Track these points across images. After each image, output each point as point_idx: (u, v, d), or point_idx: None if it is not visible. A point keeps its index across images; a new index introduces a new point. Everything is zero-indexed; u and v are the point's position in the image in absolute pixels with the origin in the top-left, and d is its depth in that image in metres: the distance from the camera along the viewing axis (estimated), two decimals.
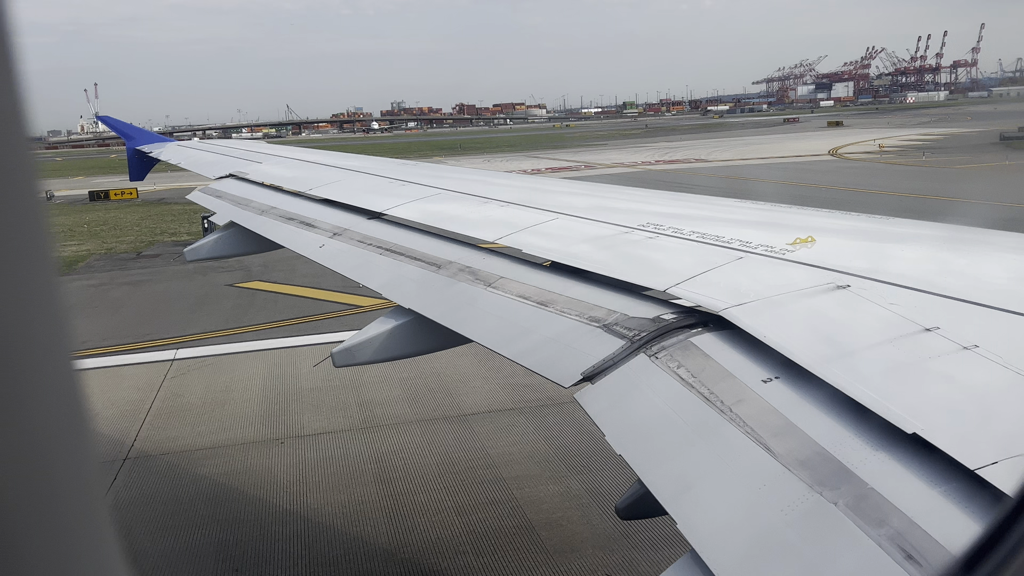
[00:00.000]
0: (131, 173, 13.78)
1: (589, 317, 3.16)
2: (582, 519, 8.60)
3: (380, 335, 4.06)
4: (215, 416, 11.96)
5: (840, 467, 1.92)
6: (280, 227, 6.57)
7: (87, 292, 21.33)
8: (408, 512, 8.95)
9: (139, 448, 10.88)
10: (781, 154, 62.91)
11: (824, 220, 4.16)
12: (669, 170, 53.97)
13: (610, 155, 72.87)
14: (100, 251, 28.10)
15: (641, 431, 2.45)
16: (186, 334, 16.43)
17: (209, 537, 8.59)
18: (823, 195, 34.96)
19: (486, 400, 12.12)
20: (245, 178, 8.89)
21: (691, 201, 5.21)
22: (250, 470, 10.17)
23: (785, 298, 2.81)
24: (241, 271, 22.08)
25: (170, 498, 9.49)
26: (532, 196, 5.51)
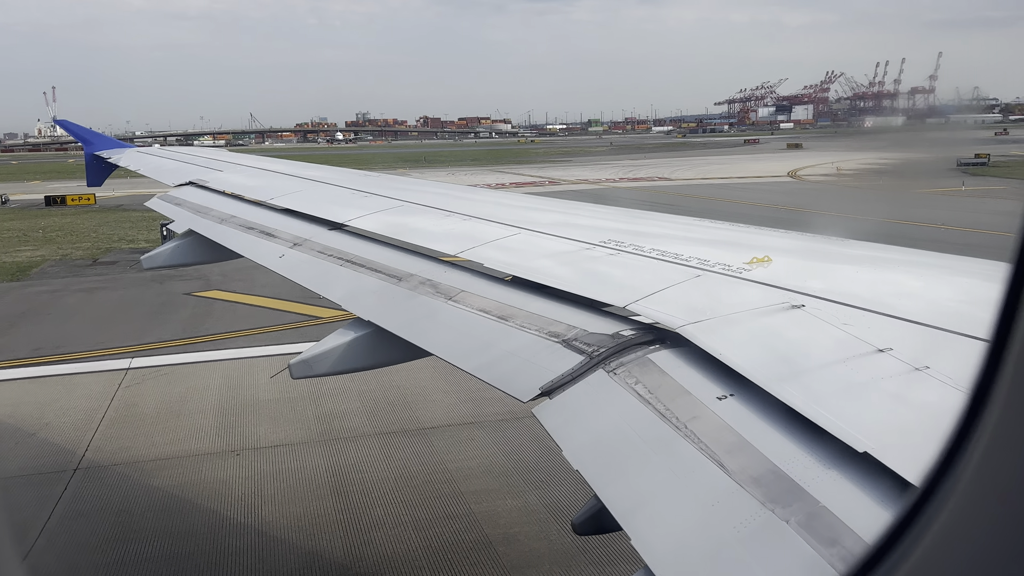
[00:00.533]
0: (89, 178, 13.53)
1: (549, 332, 3.16)
2: (540, 534, 8.58)
3: (339, 347, 4.03)
4: (170, 427, 11.75)
5: (792, 485, 1.94)
6: (240, 236, 6.50)
7: (40, 298, 20.86)
8: (365, 526, 8.86)
9: (90, 458, 10.65)
10: (741, 174, 63.79)
11: (781, 240, 4.23)
12: (633, 187, 54.42)
13: (575, 171, 73.30)
14: (55, 257, 27.53)
15: (598, 446, 2.45)
16: (142, 343, 16.14)
17: (160, 549, 8.42)
18: (781, 216, 35.51)
19: (445, 414, 12.06)
20: (205, 186, 8.78)
21: (652, 219, 5.26)
22: (205, 482, 10.00)
23: (741, 316, 2.85)
24: (199, 280, 21.77)
25: (121, 509, 9.29)
26: (495, 210, 5.52)
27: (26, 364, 14.92)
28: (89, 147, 13.52)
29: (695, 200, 44.32)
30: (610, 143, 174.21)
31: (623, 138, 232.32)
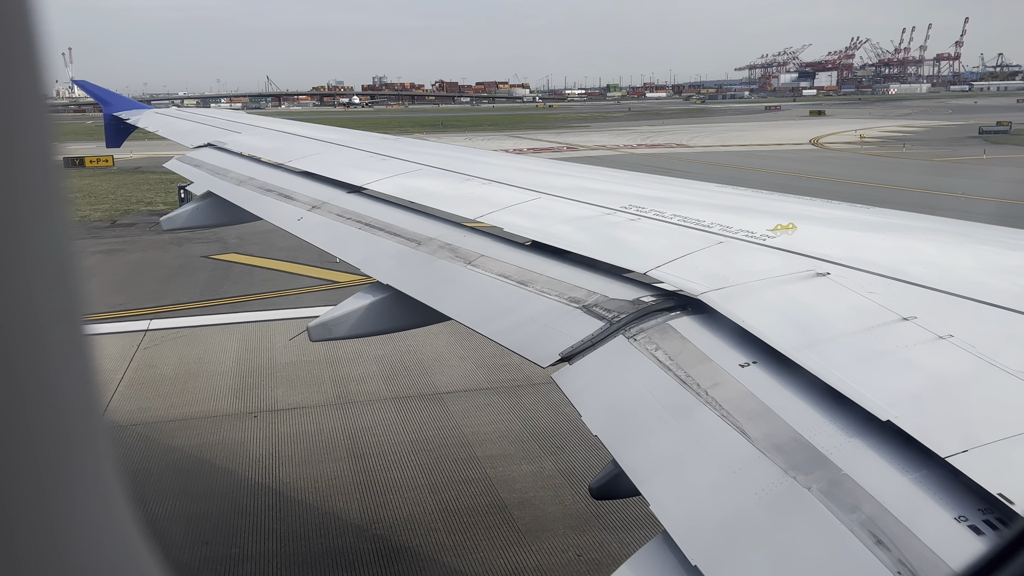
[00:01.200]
0: (107, 139, 13.54)
1: (569, 298, 3.14)
2: (555, 499, 8.65)
3: (357, 310, 4.03)
4: (188, 388, 11.87)
5: (815, 452, 1.93)
6: (258, 198, 6.49)
7: None
8: (381, 488, 8.95)
9: (108, 419, 10.79)
10: (762, 142, 63.15)
11: (805, 208, 4.17)
12: (651, 154, 54.04)
13: (593, 137, 72.81)
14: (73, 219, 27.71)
15: (617, 412, 2.45)
16: (160, 305, 16.27)
17: (179, 509, 8.55)
18: (804, 184, 35.17)
19: (462, 379, 12.12)
20: (224, 148, 8.77)
21: (673, 185, 5.20)
22: (223, 443, 10.12)
23: (764, 284, 2.81)
24: (217, 243, 21.88)
25: (140, 469, 9.42)
26: (514, 175, 5.48)
27: None
28: (108, 108, 13.52)
29: (715, 167, 43.96)
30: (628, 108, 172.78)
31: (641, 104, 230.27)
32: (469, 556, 7.66)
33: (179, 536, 8.00)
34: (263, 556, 7.70)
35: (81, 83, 15.85)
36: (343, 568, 7.49)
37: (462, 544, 7.85)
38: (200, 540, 7.95)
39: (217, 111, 17.62)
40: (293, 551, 7.77)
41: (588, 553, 7.66)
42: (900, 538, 1.62)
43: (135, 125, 12.63)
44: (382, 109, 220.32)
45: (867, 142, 62.55)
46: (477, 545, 7.82)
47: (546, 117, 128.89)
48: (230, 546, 7.86)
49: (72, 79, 34.10)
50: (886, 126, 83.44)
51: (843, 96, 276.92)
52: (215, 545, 7.87)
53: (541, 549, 7.74)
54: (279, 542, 7.92)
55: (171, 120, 12.28)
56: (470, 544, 7.85)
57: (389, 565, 7.55)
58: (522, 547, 7.77)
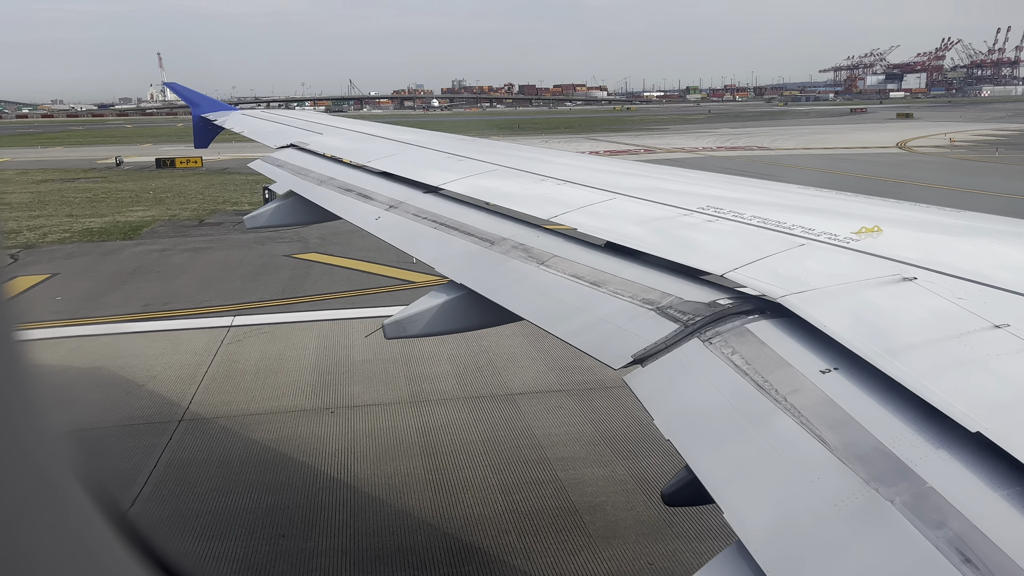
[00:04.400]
0: (196, 140, 14.01)
1: (642, 299, 3.10)
2: (626, 504, 8.56)
3: (431, 309, 4.05)
4: (268, 383, 12.18)
5: (898, 463, 1.85)
6: (338, 198, 6.61)
7: (151, 257, 21.85)
8: (452, 487, 9.01)
9: (193, 411, 11.14)
10: (847, 145, 61.43)
11: (891, 211, 4.02)
12: (731, 156, 53.11)
13: (671, 140, 71.98)
14: (164, 217, 28.76)
15: (691, 417, 2.39)
16: (244, 302, 16.74)
17: (258, 501, 8.76)
18: (890, 188, 34.05)
19: (534, 380, 12.11)
20: (305, 148, 8.96)
21: (753, 186, 5.08)
22: (300, 437, 10.34)
23: (847, 288, 2.72)
24: (299, 242, 22.40)
25: (221, 461, 9.70)
26: (590, 176, 5.44)
27: (136, 319, 15.68)
28: (196, 109, 13.98)
29: (797, 170, 42.94)
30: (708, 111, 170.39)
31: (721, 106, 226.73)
32: (539, 560, 7.64)
33: (258, 528, 8.20)
34: (337, 551, 7.82)
35: (172, 85, 16.44)
36: (414, 566, 7.56)
37: (532, 547, 7.83)
38: (277, 533, 8.13)
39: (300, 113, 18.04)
40: (366, 547, 7.88)
41: (660, 562, 7.54)
42: (990, 557, 1.54)
43: (222, 126, 13.02)
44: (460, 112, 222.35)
45: (957, 146, 60.17)
46: (547, 549, 7.80)
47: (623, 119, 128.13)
48: (305, 539, 8.02)
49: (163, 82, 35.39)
50: (978, 129, 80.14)
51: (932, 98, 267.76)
52: (291, 538, 8.04)
53: (612, 556, 7.66)
54: (352, 538, 8.04)
55: (256, 121, 12.62)
56: (540, 547, 7.82)
57: (459, 565, 7.58)
58: (593, 553, 7.71)
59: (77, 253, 22.66)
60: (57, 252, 22.85)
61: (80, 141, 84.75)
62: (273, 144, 9.76)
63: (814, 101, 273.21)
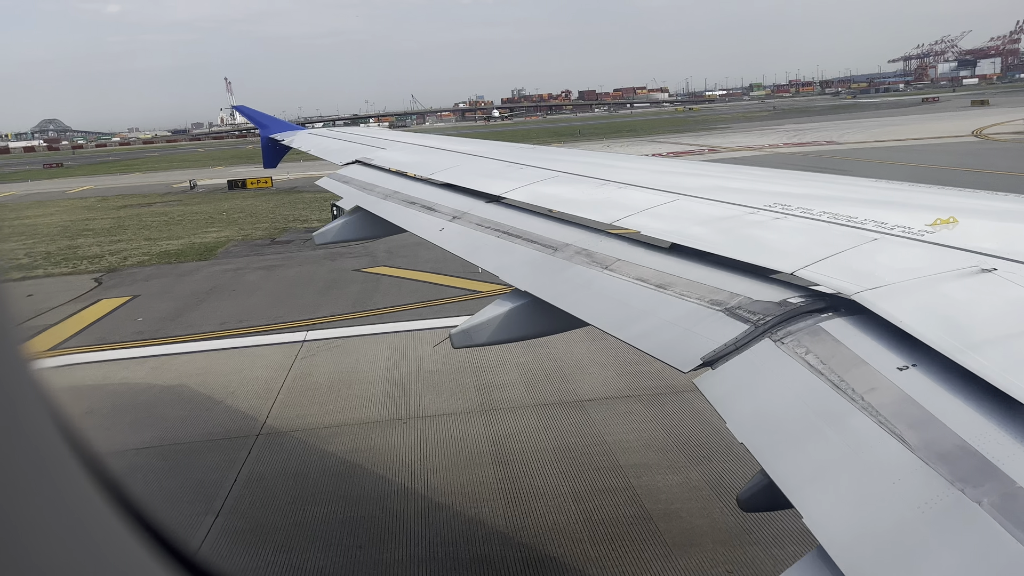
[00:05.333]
0: (265, 160, 14.37)
1: (710, 300, 3.04)
2: (702, 511, 8.41)
3: (496, 317, 4.07)
4: (342, 395, 12.37)
5: (984, 463, 1.77)
6: (402, 211, 6.69)
7: (226, 276, 22.46)
8: (525, 495, 8.99)
9: (271, 425, 11.39)
10: (919, 135, 59.58)
11: (967, 201, 3.87)
12: (798, 152, 52.02)
13: (735, 138, 70.90)
14: (237, 237, 29.54)
15: (765, 419, 2.34)
16: (316, 317, 17.07)
17: (335, 513, 8.89)
18: (966, 177, 32.87)
19: (602, 386, 12.03)
20: (370, 164, 9.10)
21: (821, 181, 4.96)
22: (374, 448, 10.47)
23: (924, 282, 2.62)
24: (367, 257, 22.75)
25: (299, 473, 9.89)
26: (651, 178, 5.39)
27: (214, 337, 16.13)
28: (265, 130, 14.35)
29: (868, 164, 41.82)
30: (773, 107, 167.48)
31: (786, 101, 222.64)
32: (615, 568, 7.56)
33: (335, 539, 8.33)
34: (413, 561, 7.88)
35: (240, 108, 16.90)
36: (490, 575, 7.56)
37: (608, 555, 7.76)
38: (355, 544, 8.23)
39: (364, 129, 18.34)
40: (442, 557, 7.92)
41: (739, 569, 7.39)
42: None
43: (290, 146, 13.33)
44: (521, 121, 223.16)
45: None
46: (623, 557, 7.71)
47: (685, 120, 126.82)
48: (381, 551, 8.10)
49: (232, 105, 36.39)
50: None
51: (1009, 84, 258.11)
52: (368, 549, 8.13)
53: (689, 564, 7.53)
54: (428, 548, 8.09)
55: (322, 140, 12.88)
56: (616, 556, 7.75)
57: (535, 575, 7.56)
58: (669, 561, 7.60)
59: (156, 275, 23.44)
60: (137, 274, 23.68)
61: (156, 167, 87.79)
62: (339, 161, 9.94)
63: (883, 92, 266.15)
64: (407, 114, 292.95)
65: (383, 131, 14.56)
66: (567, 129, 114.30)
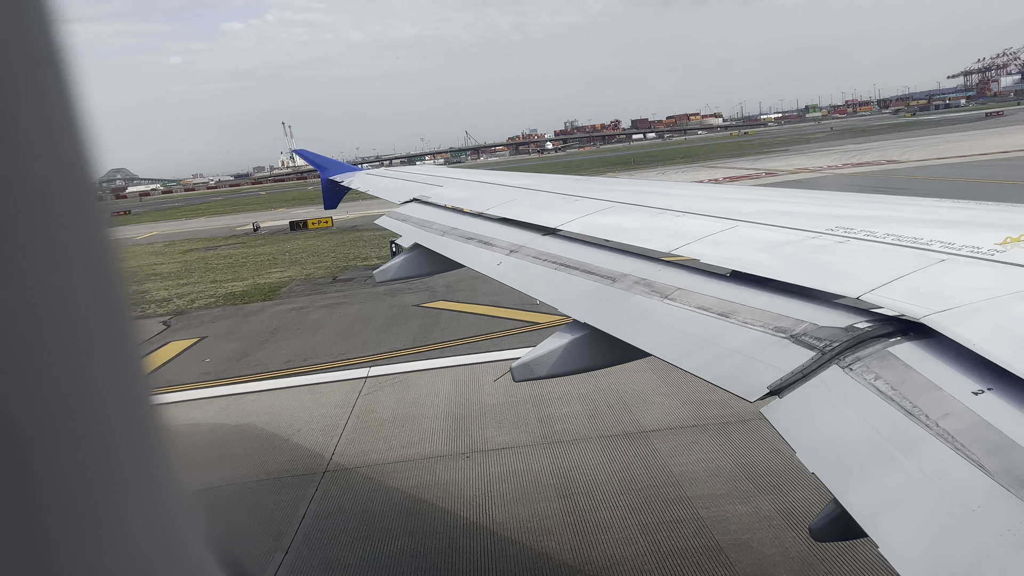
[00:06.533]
0: (325, 202, 14.69)
1: (774, 327, 3.01)
2: (774, 541, 8.22)
3: (557, 349, 4.07)
4: (405, 431, 12.46)
5: None
6: (460, 247, 6.77)
7: (289, 315, 22.91)
8: (591, 528, 8.90)
9: (336, 461, 11.51)
10: (984, 151, 57.99)
11: None
12: (858, 172, 51.08)
13: (792, 161, 69.98)
14: (300, 277, 30.14)
15: (836, 447, 2.29)
16: (378, 352, 17.26)
17: (402, 549, 8.92)
18: None
19: (666, 416, 11.89)
20: (427, 201, 9.24)
21: (884, 202, 4.87)
22: (438, 483, 10.50)
23: (996, 302, 2.55)
24: (426, 292, 22.97)
25: (365, 510, 9.96)
26: (709, 204, 5.36)
27: (280, 375, 16.43)
28: (324, 172, 14.69)
29: (931, 182, 40.83)
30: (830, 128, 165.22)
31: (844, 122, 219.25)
32: None
33: (403, 575, 8.34)
34: None
35: (300, 152, 17.36)
36: None
37: None
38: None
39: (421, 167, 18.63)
40: None
41: None
42: None
43: (349, 187, 13.60)
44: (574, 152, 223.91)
45: None
46: None
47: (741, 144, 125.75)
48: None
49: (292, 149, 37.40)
50: None
51: None
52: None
53: None
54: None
55: (379, 179, 13.12)
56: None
57: None
58: None
59: (222, 316, 24.02)
60: (204, 316, 24.30)
61: (220, 211, 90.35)
62: (397, 200, 10.11)
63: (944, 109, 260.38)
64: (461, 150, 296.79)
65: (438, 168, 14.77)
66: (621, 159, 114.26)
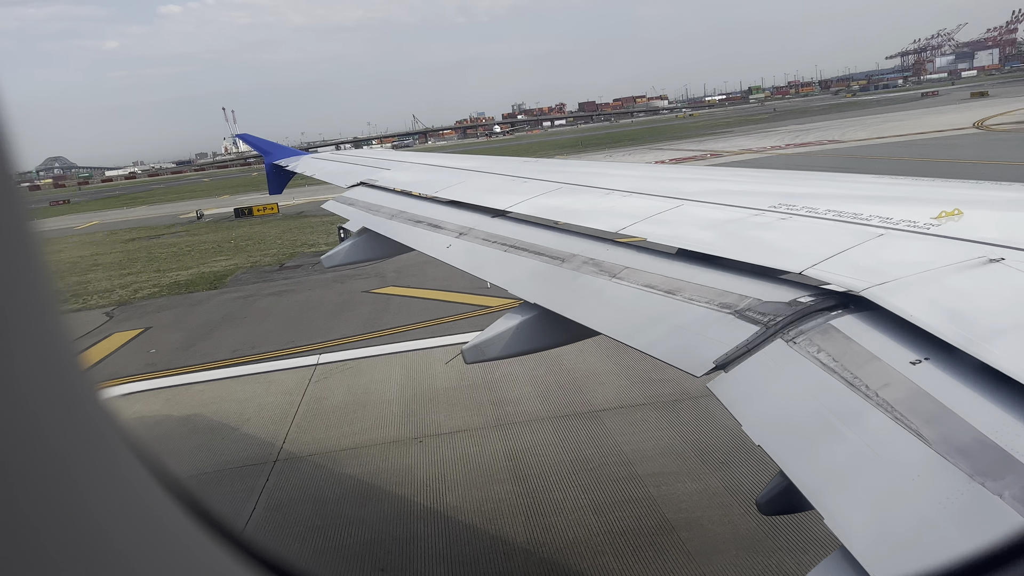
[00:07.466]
0: (270, 187, 14.43)
1: (720, 304, 3.04)
2: (723, 518, 8.36)
3: (507, 331, 4.07)
4: (357, 417, 12.37)
5: (1003, 454, 1.75)
6: (409, 230, 6.71)
7: (236, 304, 22.54)
8: (545, 510, 8.96)
9: (287, 450, 11.39)
10: (921, 130, 59.54)
11: (971, 192, 3.87)
12: (801, 153, 51.99)
13: (737, 141, 70.95)
14: (246, 265, 29.66)
15: (781, 420, 2.33)
16: (327, 340, 17.10)
17: (356, 536, 8.87)
18: (970, 170, 32.79)
19: (616, 396, 12.00)
20: (374, 185, 9.14)
21: (825, 179, 4.96)
22: (392, 469, 10.46)
23: (932, 275, 2.61)
24: (376, 278, 22.80)
25: (317, 498, 9.88)
26: (655, 184, 5.40)
27: (227, 365, 16.17)
28: (269, 157, 14.42)
29: (872, 161, 41.75)
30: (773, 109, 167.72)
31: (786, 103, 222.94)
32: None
33: (358, 563, 8.30)
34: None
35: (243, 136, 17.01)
36: None
37: (630, 568, 7.71)
38: (377, 567, 8.21)
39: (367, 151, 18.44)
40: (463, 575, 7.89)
41: (764, 574, 7.34)
42: None
43: (294, 171, 13.38)
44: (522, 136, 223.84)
45: None
46: (646, 569, 7.67)
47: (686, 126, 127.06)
48: (404, 571, 8.07)
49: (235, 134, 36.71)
50: None
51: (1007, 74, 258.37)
52: (391, 572, 8.11)
53: (713, 572, 7.48)
54: (450, 568, 8.06)
55: (326, 164, 12.94)
56: (639, 568, 7.70)
57: None
58: (693, 570, 7.55)
59: (167, 306, 23.54)
60: (148, 306, 23.79)
61: (162, 199, 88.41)
62: (344, 184, 9.98)
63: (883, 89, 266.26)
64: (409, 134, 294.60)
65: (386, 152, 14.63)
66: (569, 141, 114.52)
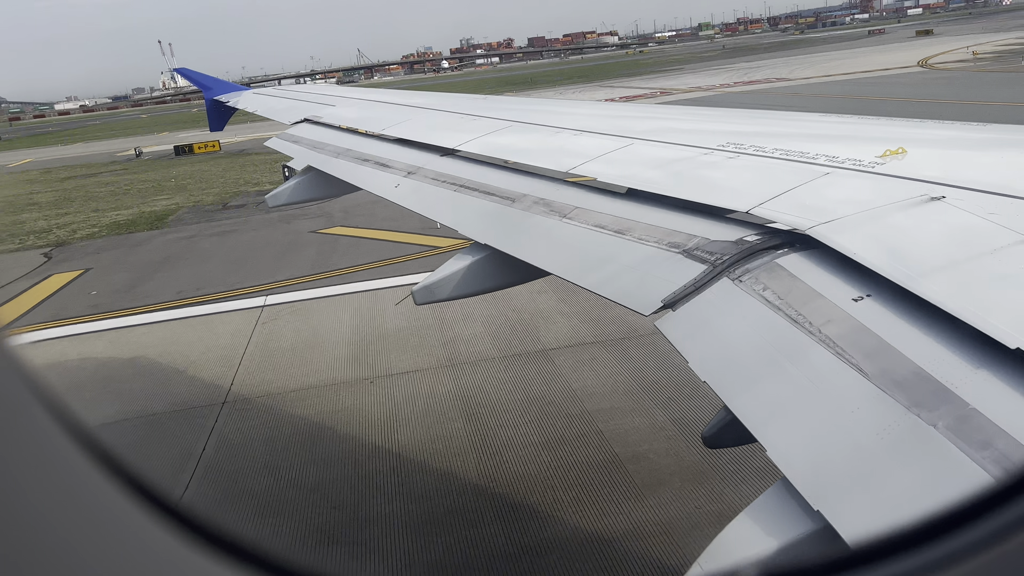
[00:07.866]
0: (211, 124, 14.01)
1: (668, 243, 3.07)
2: (669, 451, 8.59)
3: (457, 272, 4.06)
4: (307, 359, 12.32)
5: (939, 387, 1.82)
6: (356, 169, 6.60)
7: (179, 244, 22.08)
8: (496, 447, 9.09)
9: (236, 392, 11.32)
10: (867, 68, 60.19)
11: (915, 131, 3.93)
12: (749, 91, 52.22)
13: (686, 79, 70.92)
14: (188, 204, 28.98)
15: (726, 356, 2.38)
16: (274, 281, 16.88)
17: (308, 476, 8.91)
18: (914, 107, 33.33)
19: (567, 335, 12.13)
20: (320, 122, 8.93)
21: (773, 118, 4.99)
22: (342, 410, 10.48)
23: (875, 213, 2.67)
24: (323, 217, 22.48)
25: (268, 439, 9.87)
26: (605, 123, 5.37)
27: (171, 307, 15.90)
28: (208, 92, 13.96)
29: (818, 99, 42.14)
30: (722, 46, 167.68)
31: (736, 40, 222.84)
32: (587, 512, 7.72)
33: (311, 502, 8.36)
34: (389, 517, 7.96)
35: (182, 71, 16.45)
36: (466, 526, 7.67)
37: (580, 500, 7.91)
38: (329, 505, 8.28)
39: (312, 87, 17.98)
40: (417, 511, 8.01)
41: (707, 505, 7.58)
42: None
43: (235, 107, 13.00)
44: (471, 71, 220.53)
45: (981, 58, 58.69)
46: (595, 501, 7.86)
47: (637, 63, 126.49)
48: (357, 509, 8.16)
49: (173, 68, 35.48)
50: (1001, 40, 78.04)
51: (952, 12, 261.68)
52: (344, 509, 8.18)
53: (659, 503, 7.71)
54: (403, 504, 8.17)
55: (268, 99, 12.59)
56: (588, 500, 7.89)
57: (510, 523, 7.68)
58: (640, 501, 7.77)
59: (107, 247, 22.95)
60: (88, 247, 23.17)
61: (98, 136, 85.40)
62: (287, 120, 9.74)
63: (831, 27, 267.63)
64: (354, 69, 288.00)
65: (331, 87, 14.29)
66: (519, 78, 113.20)
